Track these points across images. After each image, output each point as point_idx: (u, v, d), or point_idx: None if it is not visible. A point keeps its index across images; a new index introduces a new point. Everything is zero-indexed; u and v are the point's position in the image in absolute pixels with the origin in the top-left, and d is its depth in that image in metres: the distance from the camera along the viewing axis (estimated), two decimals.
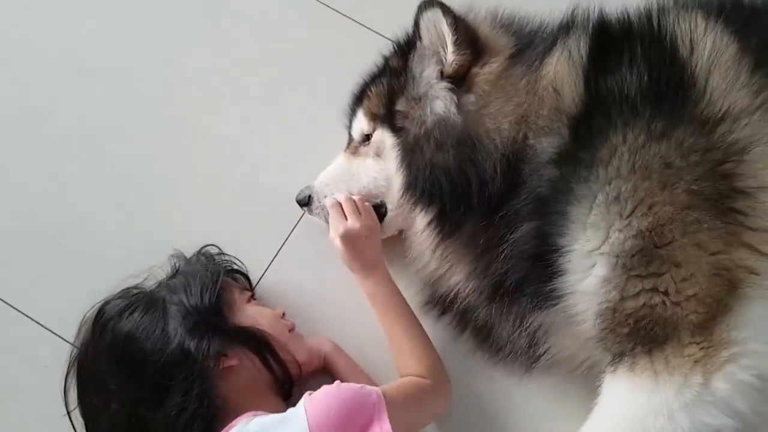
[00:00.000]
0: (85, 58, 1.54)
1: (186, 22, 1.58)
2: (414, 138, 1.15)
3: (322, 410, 0.95)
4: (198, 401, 1.01)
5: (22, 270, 1.35)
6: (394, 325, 1.18)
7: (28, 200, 1.41)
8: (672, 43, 1.03)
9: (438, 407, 1.16)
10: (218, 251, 1.28)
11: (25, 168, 1.44)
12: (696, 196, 0.95)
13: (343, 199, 1.21)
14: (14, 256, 1.37)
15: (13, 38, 1.55)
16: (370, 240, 1.20)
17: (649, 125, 0.97)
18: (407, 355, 1.15)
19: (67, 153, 1.45)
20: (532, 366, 1.18)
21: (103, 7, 1.59)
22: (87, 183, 1.42)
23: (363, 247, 1.19)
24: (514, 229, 1.04)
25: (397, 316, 1.18)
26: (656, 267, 0.95)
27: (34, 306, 1.31)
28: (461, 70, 1.14)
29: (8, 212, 1.40)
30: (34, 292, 1.33)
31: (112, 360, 1.05)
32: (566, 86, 1.05)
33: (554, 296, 1.03)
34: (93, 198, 1.41)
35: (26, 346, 1.29)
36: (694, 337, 0.94)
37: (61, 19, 1.58)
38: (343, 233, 1.18)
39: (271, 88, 1.51)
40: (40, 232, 1.38)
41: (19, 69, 1.53)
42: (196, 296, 1.09)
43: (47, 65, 1.53)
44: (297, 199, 1.31)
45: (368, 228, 1.19)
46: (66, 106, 1.49)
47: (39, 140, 1.46)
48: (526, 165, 1.05)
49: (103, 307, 1.12)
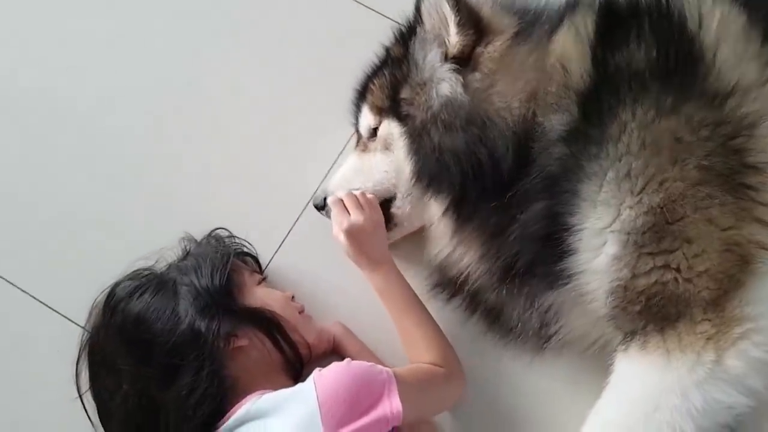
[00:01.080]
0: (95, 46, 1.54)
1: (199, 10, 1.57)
2: (421, 123, 1.13)
3: (331, 385, 0.95)
4: (208, 381, 1.01)
5: (33, 254, 1.37)
6: (404, 318, 1.17)
7: (38, 184, 1.42)
8: (680, 16, 1.01)
9: (452, 396, 1.15)
10: (228, 234, 1.28)
11: (36, 152, 1.45)
12: (707, 172, 0.94)
13: (344, 195, 1.20)
14: (25, 240, 1.38)
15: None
16: (375, 234, 1.18)
17: (658, 100, 0.96)
18: (420, 347, 1.15)
19: (79, 138, 1.46)
20: (543, 346, 1.17)
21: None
22: (98, 167, 1.43)
23: (368, 241, 1.17)
24: (524, 209, 1.03)
25: (408, 309, 1.17)
26: (668, 244, 0.94)
27: (45, 290, 1.33)
28: (465, 50, 1.12)
29: (19, 197, 1.42)
30: (44, 277, 1.35)
31: (123, 341, 1.06)
32: (574, 63, 1.03)
33: (565, 276, 1.02)
34: (104, 182, 1.42)
35: (38, 330, 1.31)
36: (706, 314, 0.93)
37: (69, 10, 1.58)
38: (347, 228, 1.16)
39: (282, 72, 1.50)
40: (50, 217, 1.40)
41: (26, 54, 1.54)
42: (206, 277, 1.09)
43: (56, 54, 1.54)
44: (314, 203, 1.31)
45: (372, 222, 1.17)
46: (75, 92, 1.50)
47: (49, 125, 1.47)
48: (536, 143, 1.04)
49: (113, 288, 1.12)
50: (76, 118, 1.47)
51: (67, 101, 1.49)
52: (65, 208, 1.40)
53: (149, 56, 1.52)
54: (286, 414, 0.96)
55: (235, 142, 1.44)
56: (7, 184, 1.43)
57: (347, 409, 0.94)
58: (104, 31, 1.55)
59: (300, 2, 1.54)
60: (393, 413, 0.96)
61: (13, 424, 1.28)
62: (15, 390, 1.29)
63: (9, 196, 1.42)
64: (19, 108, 1.49)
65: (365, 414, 0.95)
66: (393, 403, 0.96)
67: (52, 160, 1.44)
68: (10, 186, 1.43)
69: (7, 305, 1.34)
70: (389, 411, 0.96)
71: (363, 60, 1.30)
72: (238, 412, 1.01)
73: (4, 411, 1.28)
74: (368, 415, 0.95)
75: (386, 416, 0.96)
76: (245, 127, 1.45)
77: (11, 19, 1.58)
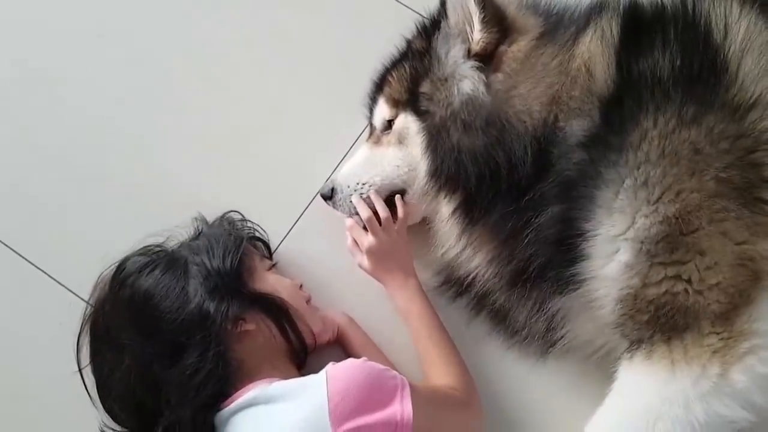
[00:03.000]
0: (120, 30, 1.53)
1: None
2: (440, 120, 1.12)
3: (343, 380, 0.95)
4: (213, 362, 1.01)
5: (42, 227, 1.37)
6: (426, 339, 1.17)
7: (50, 160, 1.42)
8: (706, 27, 1.01)
9: (469, 427, 1.14)
10: (241, 218, 1.28)
11: (47, 128, 1.45)
12: (724, 184, 0.93)
13: (365, 219, 1.19)
14: (34, 214, 1.38)
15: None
16: (395, 254, 1.20)
17: (680, 110, 0.95)
18: (439, 368, 1.14)
19: (95, 115, 1.45)
20: (548, 350, 1.17)
21: None
22: (110, 145, 1.43)
23: (391, 261, 1.19)
24: (540, 213, 1.03)
25: (430, 331, 1.18)
26: (680, 254, 0.94)
27: (52, 263, 1.34)
28: (489, 48, 1.11)
29: (30, 171, 1.42)
30: (51, 250, 1.35)
31: (130, 316, 1.05)
32: (599, 67, 1.03)
33: (575, 281, 1.02)
34: (116, 159, 1.42)
35: (42, 301, 1.32)
36: (714, 327, 0.93)
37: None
38: (368, 250, 1.19)
39: (300, 60, 1.49)
40: (61, 192, 1.40)
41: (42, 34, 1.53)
42: (218, 259, 1.09)
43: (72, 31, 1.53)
44: (321, 192, 1.29)
45: (391, 240, 1.19)
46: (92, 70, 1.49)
47: (64, 102, 1.47)
48: (556, 148, 1.03)
49: (123, 262, 1.12)
50: (93, 96, 1.47)
51: (84, 82, 1.48)
52: (76, 183, 1.40)
53: (171, 42, 1.51)
54: (293, 403, 0.96)
55: (250, 127, 1.44)
56: (19, 156, 1.43)
57: (356, 405, 0.93)
58: (127, 17, 1.54)
59: None
60: (403, 418, 0.95)
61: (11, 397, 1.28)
62: (14, 361, 1.29)
63: (21, 167, 1.42)
64: (32, 84, 1.49)
65: (373, 411, 0.94)
66: (405, 408, 0.95)
67: (66, 136, 1.44)
68: (22, 158, 1.43)
69: (14, 276, 1.34)
70: (399, 415, 0.95)
71: (382, 51, 1.29)
72: (245, 396, 1.01)
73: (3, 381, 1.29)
74: (376, 413, 0.94)
75: (395, 419, 0.95)
76: (261, 114, 1.45)
77: (21, 13, 1.57)
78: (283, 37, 1.50)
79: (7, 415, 1.27)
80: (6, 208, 1.39)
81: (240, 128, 1.43)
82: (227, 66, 1.49)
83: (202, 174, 1.39)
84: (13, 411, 1.27)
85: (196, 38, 1.51)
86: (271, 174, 1.39)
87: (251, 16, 1.52)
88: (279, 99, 1.46)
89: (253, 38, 1.51)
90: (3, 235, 1.36)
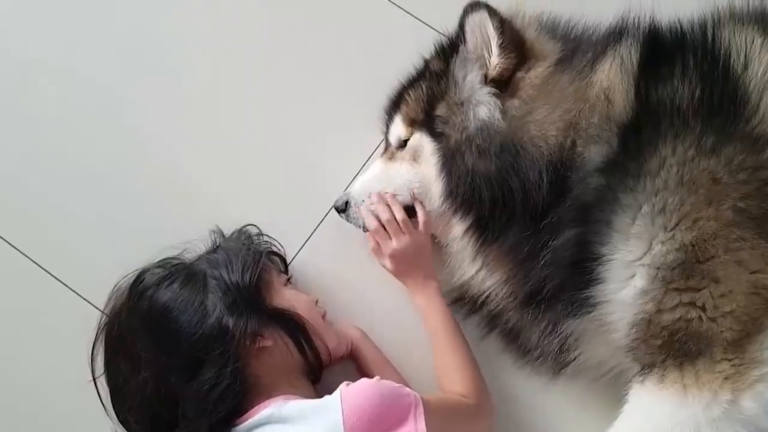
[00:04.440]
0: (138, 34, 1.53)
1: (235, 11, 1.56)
2: (455, 144, 1.13)
3: (357, 402, 0.95)
4: (231, 377, 1.01)
5: (59, 236, 1.37)
6: (442, 342, 1.19)
7: (67, 169, 1.42)
8: (726, 57, 1.02)
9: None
10: (258, 231, 1.28)
11: (65, 139, 1.45)
12: (741, 214, 0.94)
13: (385, 222, 1.21)
14: (51, 223, 1.38)
15: None
16: (418, 257, 1.22)
17: (699, 139, 0.97)
18: (453, 375, 1.15)
19: (113, 127, 1.45)
20: (560, 371, 1.18)
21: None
22: (129, 158, 1.43)
23: (412, 264, 1.22)
24: (556, 235, 1.04)
25: (447, 334, 1.19)
26: (696, 281, 0.95)
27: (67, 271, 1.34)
28: (506, 74, 1.12)
29: (48, 181, 1.41)
30: (68, 258, 1.35)
31: (148, 328, 1.05)
32: (618, 94, 1.04)
33: (590, 304, 1.02)
34: (134, 169, 1.42)
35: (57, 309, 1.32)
36: (726, 354, 0.94)
37: None
38: (390, 254, 1.21)
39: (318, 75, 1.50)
40: (80, 200, 1.40)
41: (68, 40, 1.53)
42: (237, 274, 1.09)
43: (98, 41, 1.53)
44: (335, 205, 1.31)
45: (414, 243, 1.21)
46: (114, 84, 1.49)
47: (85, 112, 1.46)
48: (572, 172, 1.04)
49: (141, 274, 1.12)
50: (114, 109, 1.47)
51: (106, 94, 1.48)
52: (94, 194, 1.40)
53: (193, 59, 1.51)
54: (308, 425, 0.96)
55: (267, 141, 1.44)
56: (38, 166, 1.43)
57: (371, 426, 0.94)
58: (151, 29, 1.54)
59: (342, 6, 1.54)
60: None
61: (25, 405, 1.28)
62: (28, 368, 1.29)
63: (39, 176, 1.42)
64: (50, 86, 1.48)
65: (389, 431, 0.95)
66: (419, 427, 0.96)
67: (83, 147, 1.44)
68: (41, 167, 1.43)
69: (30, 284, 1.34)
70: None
71: (400, 68, 1.30)
72: (261, 412, 1.01)
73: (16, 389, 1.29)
74: None
75: None
76: (278, 128, 1.45)
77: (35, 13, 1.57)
78: (302, 53, 1.50)
79: (21, 424, 1.28)
80: (23, 216, 1.39)
81: (257, 142, 1.44)
82: (246, 82, 1.49)
83: (218, 188, 1.40)
84: (26, 419, 1.27)
85: (217, 55, 1.51)
86: (287, 188, 1.40)
87: (271, 34, 1.53)
88: (296, 114, 1.46)
89: (273, 55, 1.51)
90: (20, 243, 1.36)
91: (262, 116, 1.46)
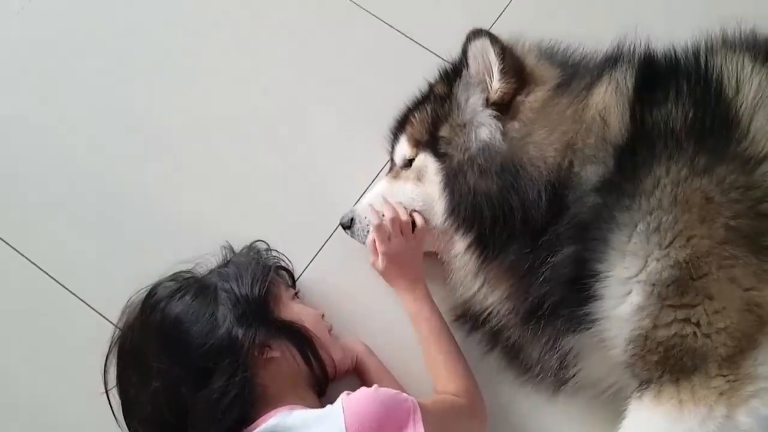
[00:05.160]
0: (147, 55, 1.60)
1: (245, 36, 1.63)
2: (458, 163, 1.17)
3: (358, 410, 0.98)
4: (240, 387, 1.04)
5: (76, 252, 1.41)
6: (432, 344, 1.21)
7: (82, 184, 1.47)
8: (718, 82, 1.05)
9: (474, 430, 1.17)
10: (266, 247, 1.32)
11: (79, 155, 1.50)
12: (734, 232, 0.97)
13: (388, 220, 1.24)
14: (66, 237, 1.42)
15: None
16: (409, 257, 1.24)
17: (692, 160, 0.99)
18: (444, 375, 1.18)
19: (127, 141, 1.51)
20: (560, 388, 1.20)
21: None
22: (143, 172, 1.48)
23: (405, 266, 1.24)
24: (555, 252, 1.06)
25: (436, 335, 1.21)
26: (690, 298, 0.97)
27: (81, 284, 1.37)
28: (506, 98, 1.16)
29: (63, 196, 1.46)
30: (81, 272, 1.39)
31: (160, 339, 1.08)
32: (613, 117, 1.07)
33: (588, 320, 1.05)
34: (148, 186, 1.47)
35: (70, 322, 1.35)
36: (721, 370, 0.96)
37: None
38: (386, 252, 1.23)
39: (326, 98, 1.55)
40: (96, 217, 1.44)
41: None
42: (246, 286, 1.12)
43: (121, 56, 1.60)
44: (341, 222, 1.34)
45: (411, 248, 1.24)
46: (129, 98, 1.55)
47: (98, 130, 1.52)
48: (570, 192, 1.07)
49: (154, 288, 1.15)
50: (126, 119, 1.53)
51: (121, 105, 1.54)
52: (110, 210, 1.45)
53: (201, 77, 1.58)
54: None
55: (277, 161, 1.49)
56: (53, 179, 1.48)
57: None
58: (163, 52, 1.61)
59: (352, 34, 1.61)
60: None
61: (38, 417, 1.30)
62: (41, 381, 1.31)
63: (54, 190, 1.47)
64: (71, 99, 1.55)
65: None
66: (417, 431, 0.98)
67: (98, 163, 1.49)
68: (55, 181, 1.48)
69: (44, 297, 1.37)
70: None
71: (405, 92, 1.35)
72: (267, 422, 1.03)
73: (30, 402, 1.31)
74: None
75: None
76: (287, 148, 1.50)
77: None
78: (313, 77, 1.57)
79: None
80: (38, 230, 1.43)
81: (267, 162, 1.49)
82: (258, 103, 1.54)
83: (229, 205, 1.44)
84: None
85: (229, 73, 1.57)
86: (296, 205, 1.44)
87: (282, 56, 1.59)
88: (305, 134, 1.51)
89: (284, 76, 1.57)
90: (34, 256, 1.40)
91: (273, 137, 1.51)
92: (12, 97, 1.56)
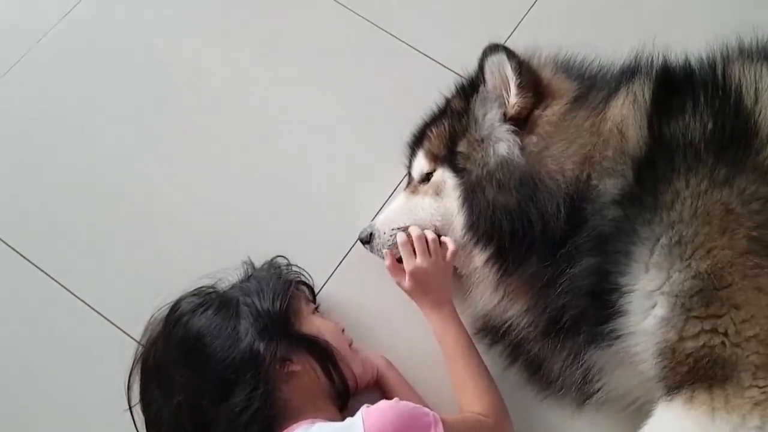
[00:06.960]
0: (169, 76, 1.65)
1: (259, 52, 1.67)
2: (476, 179, 1.18)
3: (378, 423, 0.97)
4: (261, 400, 1.04)
5: (95, 268, 1.43)
6: (459, 363, 1.19)
7: (102, 201, 1.50)
8: (736, 92, 1.05)
9: None
10: (287, 262, 1.33)
11: (99, 171, 1.53)
12: (756, 242, 0.96)
13: (415, 238, 1.23)
14: (89, 254, 1.45)
15: None
16: (438, 278, 1.22)
17: (712, 172, 0.99)
18: (470, 394, 1.16)
19: (150, 158, 1.54)
20: (584, 402, 1.18)
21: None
22: (161, 192, 1.50)
23: (432, 285, 1.22)
24: (574, 264, 1.06)
25: (463, 354, 1.19)
26: (715, 308, 0.96)
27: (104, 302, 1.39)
28: (523, 113, 1.17)
29: (84, 213, 1.49)
30: (104, 289, 1.40)
31: (183, 353, 1.09)
32: (631, 129, 1.07)
33: (612, 336, 1.04)
34: (168, 203, 1.49)
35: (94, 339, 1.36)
36: (756, 380, 0.94)
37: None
38: (412, 271, 1.21)
39: (345, 113, 1.58)
40: (119, 236, 1.47)
41: None
42: (268, 301, 1.13)
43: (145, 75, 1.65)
44: (360, 237, 1.35)
45: (437, 266, 1.22)
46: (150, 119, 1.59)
47: (117, 145, 1.56)
48: (589, 204, 1.07)
49: (177, 303, 1.16)
50: (149, 137, 1.57)
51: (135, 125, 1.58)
52: (133, 229, 1.47)
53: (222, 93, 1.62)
54: None
55: (296, 178, 1.51)
56: (73, 197, 1.51)
57: None
58: (181, 64, 1.66)
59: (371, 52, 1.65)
60: None
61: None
62: (66, 398, 1.32)
63: (74, 207, 1.50)
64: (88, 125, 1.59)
65: None
66: None
67: (117, 180, 1.52)
68: (75, 198, 1.51)
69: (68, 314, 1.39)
70: None
71: (423, 107, 1.37)
72: None
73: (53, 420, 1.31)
74: None
75: None
76: (306, 163, 1.52)
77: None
78: (332, 95, 1.60)
79: None
80: (60, 248, 1.45)
81: (287, 180, 1.51)
82: (278, 120, 1.57)
83: (250, 221, 1.46)
84: None
85: (250, 94, 1.61)
86: (315, 221, 1.45)
87: (302, 75, 1.62)
88: (325, 150, 1.54)
89: (304, 94, 1.60)
90: (57, 275, 1.42)
91: (293, 154, 1.53)
92: (38, 111, 1.61)
